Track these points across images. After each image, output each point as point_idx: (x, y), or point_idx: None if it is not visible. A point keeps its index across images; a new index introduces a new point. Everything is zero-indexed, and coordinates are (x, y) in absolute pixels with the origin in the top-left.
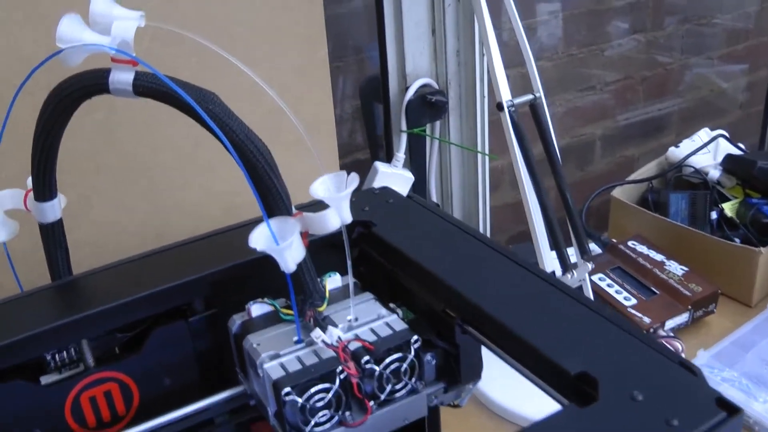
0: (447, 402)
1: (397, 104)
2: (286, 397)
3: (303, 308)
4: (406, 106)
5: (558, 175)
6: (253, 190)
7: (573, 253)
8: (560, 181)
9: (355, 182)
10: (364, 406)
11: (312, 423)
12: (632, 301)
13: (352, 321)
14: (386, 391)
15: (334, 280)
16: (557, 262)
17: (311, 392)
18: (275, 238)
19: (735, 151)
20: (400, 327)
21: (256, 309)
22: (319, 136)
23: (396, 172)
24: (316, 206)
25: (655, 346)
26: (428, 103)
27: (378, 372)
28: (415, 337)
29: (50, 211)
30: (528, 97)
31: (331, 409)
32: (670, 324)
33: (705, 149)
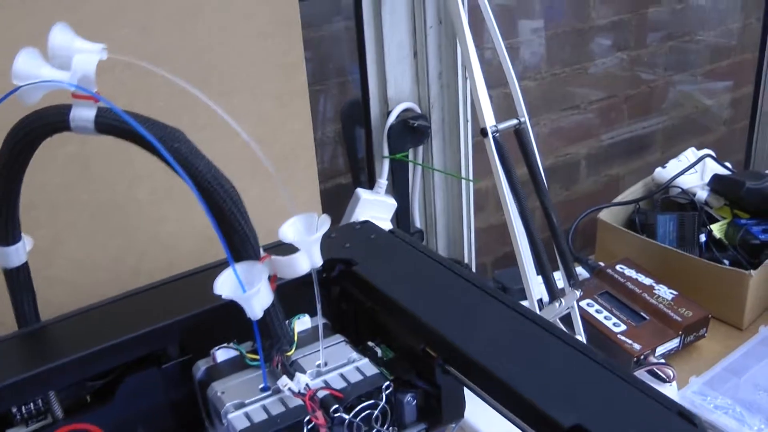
0: None
1: (379, 129)
2: None
3: (270, 353)
4: (388, 131)
5: (544, 200)
6: (219, 233)
7: (561, 276)
8: (546, 207)
9: (325, 225)
10: None
11: None
12: (621, 328)
13: (322, 366)
14: None
15: (303, 322)
16: (544, 287)
17: None
18: (242, 284)
19: (722, 171)
20: (371, 372)
21: (222, 354)
22: (298, 164)
23: (378, 199)
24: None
25: (652, 394)
26: (410, 128)
27: (348, 420)
28: (387, 383)
29: (14, 255)
30: (512, 122)
31: None
32: (660, 350)
33: (692, 169)
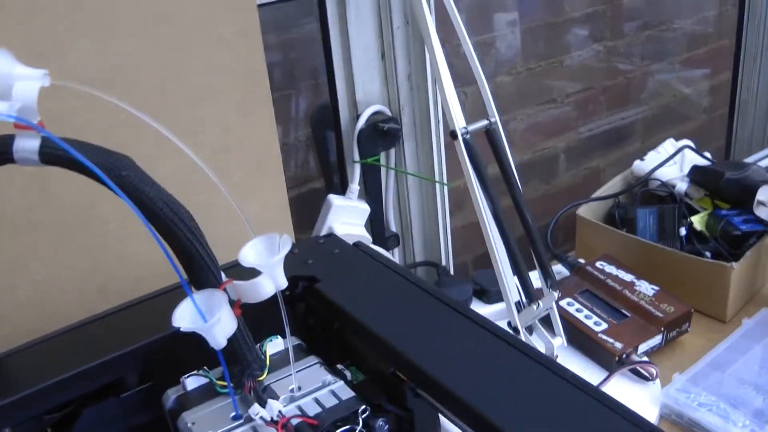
0: None
1: (349, 133)
2: None
3: (241, 379)
4: (358, 135)
5: (518, 200)
6: (171, 261)
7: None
8: (520, 207)
9: (287, 245)
10: None
11: None
12: (603, 326)
13: (295, 390)
14: None
15: (275, 344)
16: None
17: None
18: (201, 314)
19: (701, 162)
20: (346, 395)
21: (192, 382)
22: (266, 173)
23: (350, 204)
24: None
25: (625, 414)
26: (381, 131)
27: None
28: (363, 407)
29: None
30: (483, 123)
31: None
32: (643, 348)
33: (671, 161)
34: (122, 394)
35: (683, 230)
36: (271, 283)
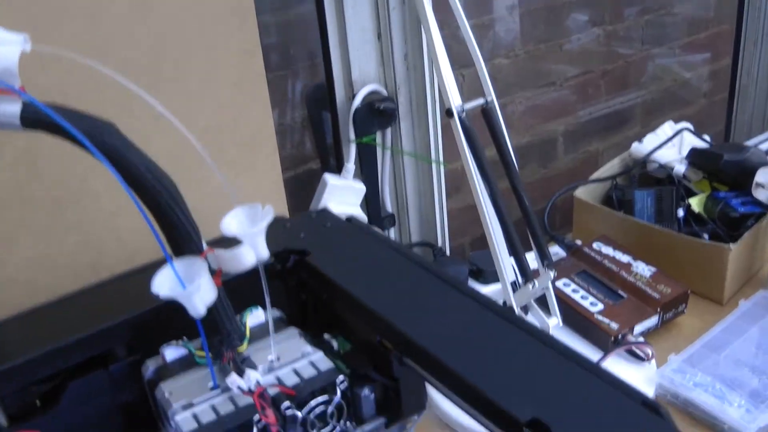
0: None
1: (345, 113)
2: None
3: (221, 349)
4: (354, 114)
5: (514, 180)
6: (152, 229)
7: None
8: (516, 187)
9: (269, 215)
10: None
11: None
12: (599, 307)
13: (274, 361)
14: None
15: (256, 316)
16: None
17: None
18: (181, 281)
19: (700, 144)
20: (325, 366)
21: (171, 353)
22: (260, 151)
23: (346, 184)
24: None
25: (616, 384)
26: (377, 111)
27: (301, 417)
28: (341, 377)
29: None
30: (479, 101)
31: None
32: (639, 328)
33: (670, 143)
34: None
35: (681, 212)
36: (252, 253)
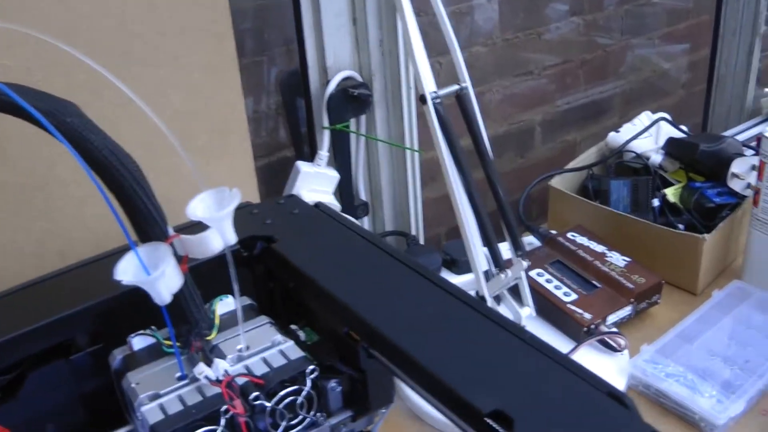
0: (358, 430)
1: (319, 99)
2: None
3: (189, 338)
4: (328, 100)
5: (487, 169)
6: (114, 213)
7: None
8: (490, 176)
9: (236, 199)
10: None
11: None
12: (572, 297)
13: (243, 350)
14: (281, 428)
15: (226, 304)
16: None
17: None
18: (144, 267)
19: (677, 134)
20: (295, 355)
21: (138, 342)
22: (232, 137)
23: (319, 171)
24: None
25: (582, 375)
26: (351, 97)
27: (270, 408)
28: (311, 367)
29: None
30: (453, 87)
31: None
32: (612, 318)
33: (646, 133)
34: (72, 356)
35: (656, 202)
36: (219, 238)
